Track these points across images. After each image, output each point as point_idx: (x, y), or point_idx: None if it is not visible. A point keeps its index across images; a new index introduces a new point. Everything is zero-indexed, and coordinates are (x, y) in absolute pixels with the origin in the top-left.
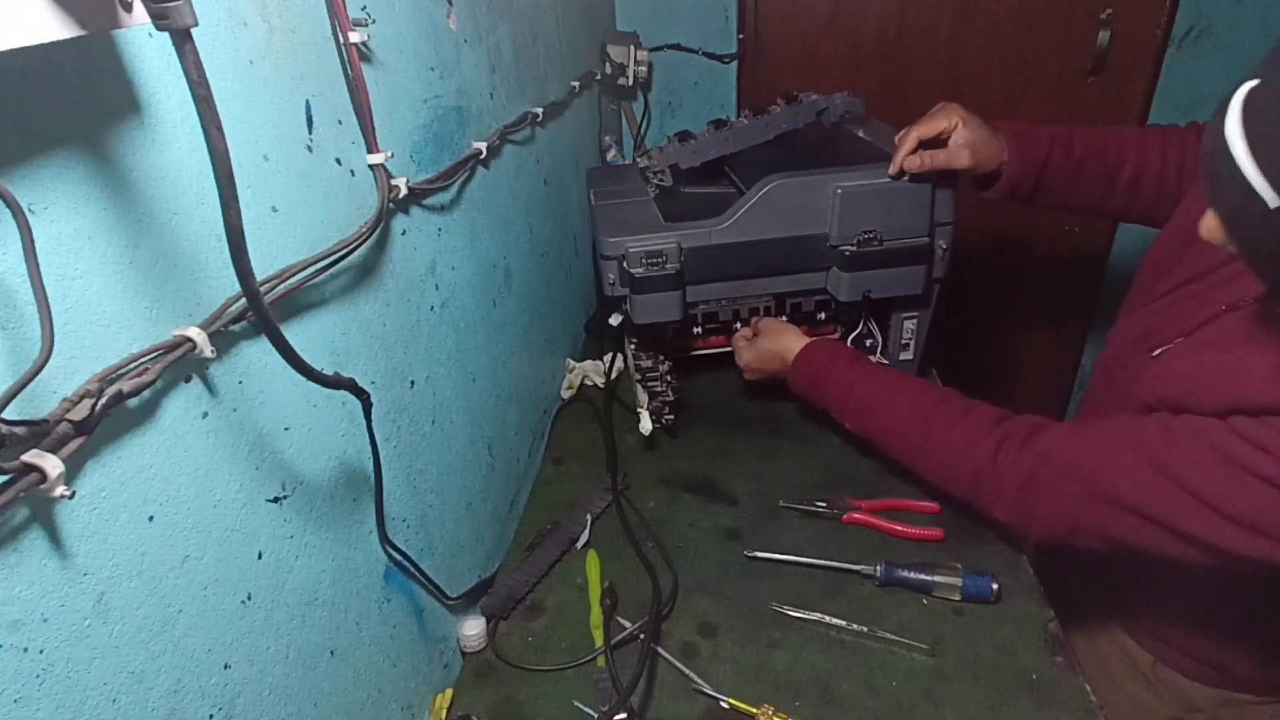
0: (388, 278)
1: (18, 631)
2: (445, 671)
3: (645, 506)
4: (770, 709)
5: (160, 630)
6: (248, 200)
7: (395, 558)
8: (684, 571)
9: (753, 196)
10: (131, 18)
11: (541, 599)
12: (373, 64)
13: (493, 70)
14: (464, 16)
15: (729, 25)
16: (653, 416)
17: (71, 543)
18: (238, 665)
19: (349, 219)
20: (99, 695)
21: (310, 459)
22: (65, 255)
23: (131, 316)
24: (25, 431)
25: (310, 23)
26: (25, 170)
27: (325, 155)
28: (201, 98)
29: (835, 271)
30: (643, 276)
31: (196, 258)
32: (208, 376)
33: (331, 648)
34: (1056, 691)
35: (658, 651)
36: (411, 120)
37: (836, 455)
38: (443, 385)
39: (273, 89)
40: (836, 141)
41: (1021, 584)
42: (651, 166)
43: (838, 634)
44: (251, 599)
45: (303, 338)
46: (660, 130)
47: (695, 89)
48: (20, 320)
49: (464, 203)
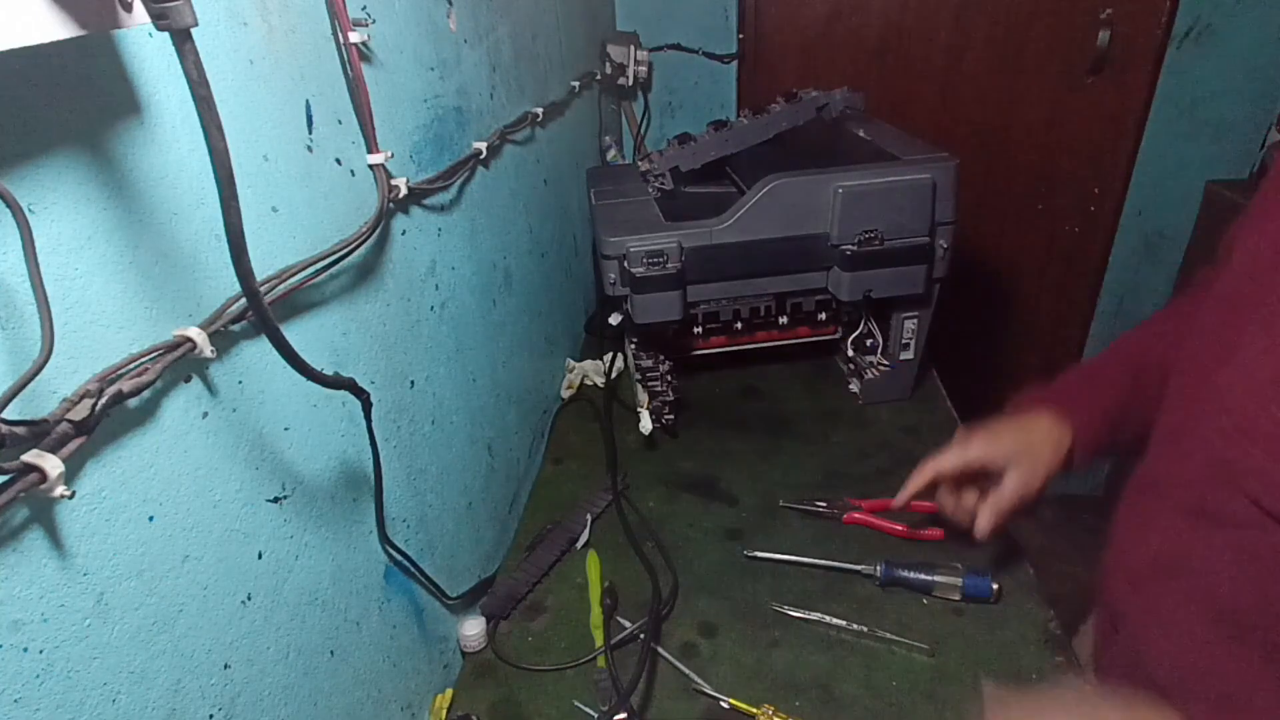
0: (388, 278)
1: (18, 631)
2: (445, 671)
3: (645, 506)
4: (770, 709)
5: (160, 630)
6: (248, 200)
7: (395, 558)
8: (684, 571)
9: (753, 196)
10: (131, 18)
11: (541, 599)
12: (373, 64)
13: (493, 70)
14: (464, 16)
15: (729, 25)
16: (653, 416)
17: (71, 543)
18: (238, 665)
19: (349, 219)
20: (99, 695)
21: (310, 459)
22: (65, 255)
23: (131, 316)
24: (25, 431)
25: (310, 23)
26: (25, 170)
27: (325, 155)
28: (201, 98)
29: (836, 271)
30: (643, 276)
31: (196, 258)
32: (208, 376)
33: (331, 648)
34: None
35: (658, 651)
36: (411, 120)
37: (836, 455)
38: (443, 385)
39: (273, 89)
40: (837, 141)
41: (1021, 584)
42: (652, 170)
43: (838, 634)
44: (251, 599)
45: (303, 338)
46: (660, 130)
47: (695, 89)
48: (20, 320)
49: (464, 203)
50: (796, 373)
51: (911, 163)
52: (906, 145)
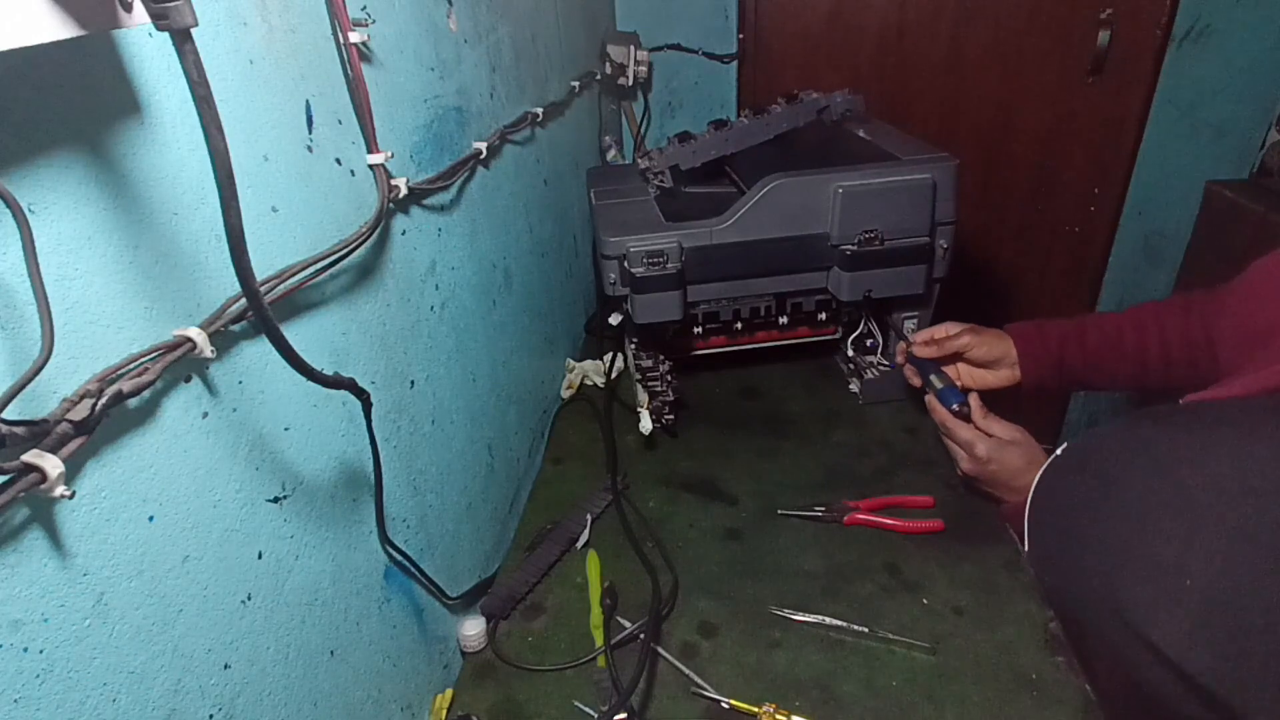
0: (388, 278)
1: (18, 631)
2: (445, 671)
3: (645, 506)
4: (772, 707)
5: (160, 630)
6: (248, 200)
7: (395, 558)
8: (684, 571)
9: (753, 196)
10: (131, 18)
11: (541, 599)
12: (373, 64)
13: (493, 70)
14: (464, 17)
15: (729, 25)
16: (653, 416)
17: (71, 543)
18: (238, 665)
19: (349, 219)
20: (99, 695)
21: (310, 459)
22: (65, 255)
23: (131, 316)
24: (25, 431)
25: (310, 23)
26: (25, 170)
27: (325, 155)
28: (201, 98)
29: (836, 271)
30: (644, 276)
31: (196, 258)
32: (208, 376)
33: (331, 648)
34: (1056, 691)
35: (658, 651)
36: (411, 120)
37: (836, 455)
38: (443, 385)
39: (273, 89)
40: (837, 141)
41: (1021, 584)
42: (652, 168)
43: (838, 634)
44: (251, 599)
45: (303, 338)
46: (660, 130)
47: (695, 89)
48: (20, 320)
49: (464, 203)
50: (796, 373)
51: (911, 163)
52: (906, 145)
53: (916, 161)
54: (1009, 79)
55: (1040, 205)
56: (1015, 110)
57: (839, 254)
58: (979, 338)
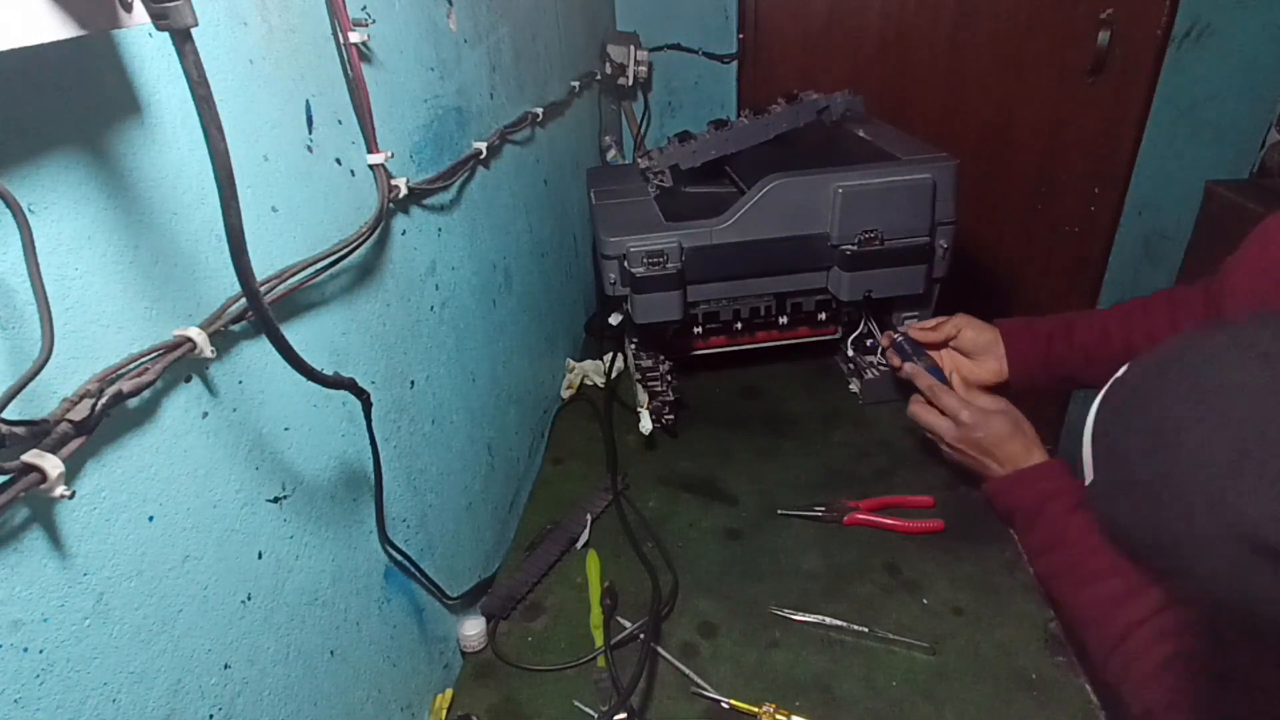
0: (388, 278)
1: (18, 631)
2: (445, 671)
3: (645, 506)
4: (772, 707)
5: (160, 630)
6: (248, 200)
7: (395, 558)
8: (684, 571)
9: (753, 196)
10: (131, 18)
11: (541, 599)
12: (373, 64)
13: (493, 70)
14: (464, 17)
15: (729, 25)
16: (653, 416)
17: (71, 543)
18: (238, 665)
19: (349, 219)
20: (99, 695)
21: (310, 459)
22: (65, 255)
23: (131, 316)
24: (25, 431)
25: (310, 22)
26: (25, 170)
27: (325, 155)
28: (201, 98)
29: (836, 271)
30: (644, 276)
31: (196, 258)
32: (208, 376)
33: (331, 648)
34: (1056, 691)
35: (658, 651)
36: (411, 120)
37: (836, 455)
38: (443, 385)
39: (273, 89)
40: (837, 141)
41: (1021, 584)
42: (652, 167)
43: (838, 634)
44: (251, 599)
45: (303, 338)
46: (660, 130)
47: (695, 89)
48: (20, 320)
49: (464, 203)
50: (796, 373)
51: (911, 163)
52: (906, 145)
53: (916, 161)
54: (1009, 79)
55: (1040, 205)
56: (1015, 110)
57: (839, 254)
58: (968, 321)
